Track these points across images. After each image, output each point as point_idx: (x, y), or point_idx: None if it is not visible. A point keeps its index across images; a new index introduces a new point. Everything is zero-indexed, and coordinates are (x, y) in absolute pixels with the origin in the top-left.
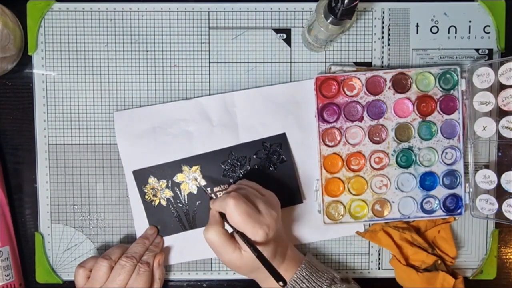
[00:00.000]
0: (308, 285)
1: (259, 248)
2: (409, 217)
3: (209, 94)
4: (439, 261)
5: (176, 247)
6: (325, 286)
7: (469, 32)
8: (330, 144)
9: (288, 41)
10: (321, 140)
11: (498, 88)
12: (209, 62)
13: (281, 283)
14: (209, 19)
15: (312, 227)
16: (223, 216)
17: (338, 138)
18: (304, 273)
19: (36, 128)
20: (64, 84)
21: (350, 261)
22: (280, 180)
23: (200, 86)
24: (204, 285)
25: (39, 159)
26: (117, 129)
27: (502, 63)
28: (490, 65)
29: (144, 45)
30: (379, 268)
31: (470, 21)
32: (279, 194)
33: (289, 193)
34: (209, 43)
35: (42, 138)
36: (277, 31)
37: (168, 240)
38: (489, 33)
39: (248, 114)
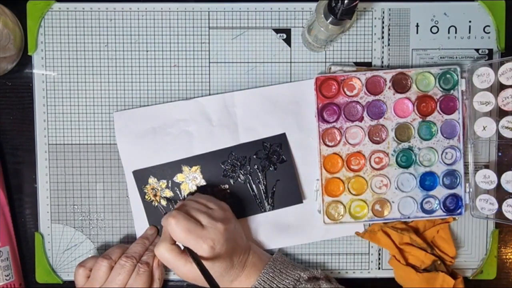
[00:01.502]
0: (272, 286)
1: (208, 262)
2: (409, 217)
3: (209, 94)
4: (439, 262)
5: None
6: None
7: (469, 32)
8: (330, 144)
9: (288, 41)
10: (321, 140)
11: (498, 88)
12: (209, 62)
13: None
14: (209, 19)
15: (312, 227)
16: None
17: (338, 138)
18: (266, 278)
19: (36, 128)
20: (64, 84)
21: (350, 261)
22: (280, 180)
23: (200, 86)
24: None
25: (39, 159)
26: (117, 129)
27: (502, 63)
28: (490, 65)
29: (144, 45)
30: (379, 268)
31: (470, 21)
32: (279, 194)
33: (289, 193)
34: (209, 43)
35: (42, 138)
36: (277, 31)
37: None
38: (489, 33)
39: (248, 114)
